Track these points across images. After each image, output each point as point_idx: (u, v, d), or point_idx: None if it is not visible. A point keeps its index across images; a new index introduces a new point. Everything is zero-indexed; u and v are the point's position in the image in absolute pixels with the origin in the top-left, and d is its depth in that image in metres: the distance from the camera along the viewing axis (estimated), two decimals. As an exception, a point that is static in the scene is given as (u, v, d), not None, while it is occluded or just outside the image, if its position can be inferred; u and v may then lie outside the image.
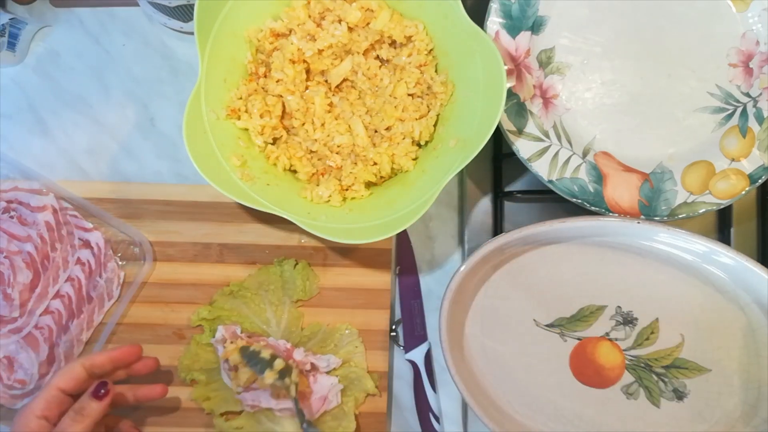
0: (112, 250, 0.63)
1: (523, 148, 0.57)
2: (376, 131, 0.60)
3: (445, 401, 0.65)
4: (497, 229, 0.66)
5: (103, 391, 0.51)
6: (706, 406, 0.59)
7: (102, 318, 0.62)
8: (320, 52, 0.58)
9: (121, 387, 0.56)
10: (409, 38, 0.58)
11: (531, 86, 0.59)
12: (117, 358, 0.54)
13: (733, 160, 0.58)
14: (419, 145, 0.59)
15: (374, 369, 0.62)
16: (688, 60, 0.59)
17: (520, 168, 0.60)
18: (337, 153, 0.59)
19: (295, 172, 0.60)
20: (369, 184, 0.59)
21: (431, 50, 0.59)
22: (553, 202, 0.66)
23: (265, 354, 0.57)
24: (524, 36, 0.59)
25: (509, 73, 0.58)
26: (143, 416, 0.61)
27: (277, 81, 0.58)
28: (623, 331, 0.60)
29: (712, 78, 0.59)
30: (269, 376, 0.56)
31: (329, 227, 0.55)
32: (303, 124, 0.60)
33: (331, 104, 0.60)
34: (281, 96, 0.59)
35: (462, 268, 0.55)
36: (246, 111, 0.58)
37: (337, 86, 0.60)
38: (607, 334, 0.61)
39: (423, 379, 0.63)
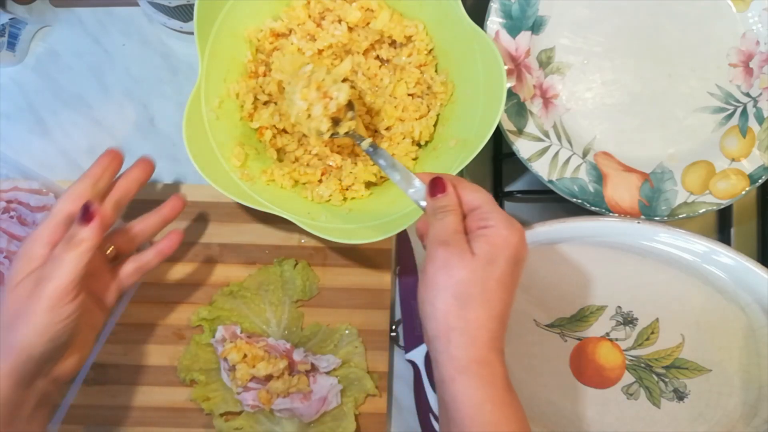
0: (112, 250, 0.63)
1: (523, 148, 0.57)
2: (376, 131, 0.60)
3: (445, 401, 0.65)
4: (497, 229, 0.65)
5: (88, 212, 0.45)
6: (706, 407, 0.59)
7: (102, 318, 0.62)
8: (320, 52, 0.58)
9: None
10: (409, 38, 0.59)
11: (531, 86, 0.59)
12: (111, 165, 0.50)
13: (733, 160, 0.58)
14: (419, 145, 0.60)
15: (374, 369, 0.62)
16: (689, 60, 0.59)
17: (520, 168, 0.60)
18: (337, 153, 0.59)
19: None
20: (369, 184, 0.59)
21: (431, 50, 0.59)
22: (553, 202, 0.66)
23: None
24: (524, 36, 0.59)
25: (509, 73, 0.58)
26: (142, 416, 0.61)
27: (278, 82, 0.58)
28: (623, 332, 0.60)
29: (713, 78, 0.59)
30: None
31: (329, 227, 0.55)
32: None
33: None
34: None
35: (462, 268, 0.55)
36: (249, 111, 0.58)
37: (337, 86, 0.60)
38: (608, 334, 0.61)
39: (423, 379, 0.63)
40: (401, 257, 0.66)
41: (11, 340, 0.43)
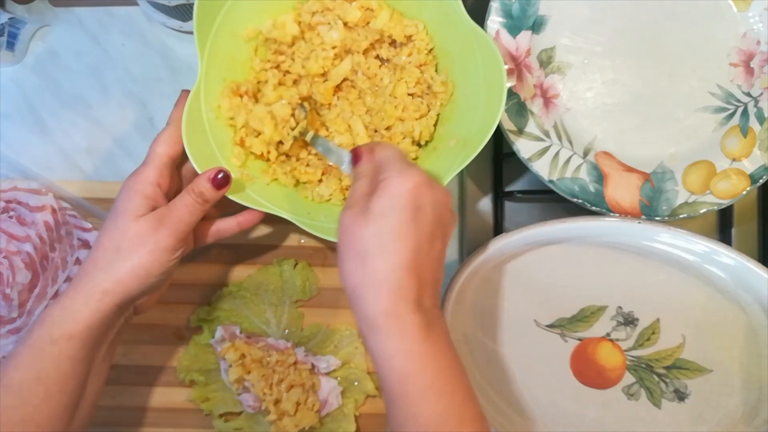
0: (111, 251, 0.63)
1: (524, 147, 0.57)
2: (376, 131, 0.59)
3: (445, 402, 0.65)
4: (498, 229, 0.65)
5: (225, 180, 0.50)
6: (707, 407, 0.59)
7: (101, 318, 0.62)
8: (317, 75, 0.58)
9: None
10: (409, 38, 0.58)
11: (531, 86, 0.59)
12: None
13: (734, 159, 0.58)
14: (419, 145, 0.59)
15: (374, 370, 0.62)
16: (689, 59, 0.59)
17: (521, 168, 0.60)
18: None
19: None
20: (369, 184, 0.59)
21: (431, 50, 0.59)
22: (554, 202, 0.65)
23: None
24: (525, 35, 0.58)
25: (510, 72, 0.58)
26: (141, 417, 0.61)
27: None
28: (624, 332, 0.60)
29: (713, 77, 0.59)
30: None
31: (329, 227, 0.55)
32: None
33: (330, 103, 0.60)
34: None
35: (462, 269, 0.55)
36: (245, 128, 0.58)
37: (337, 86, 0.60)
38: (608, 334, 0.61)
39: (423, 379, 0.63)
40: (401, 257, 0.66)
41: (125, 263, 0.46)
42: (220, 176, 0.49)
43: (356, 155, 0.48)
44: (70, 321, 0.45)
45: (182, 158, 0.53)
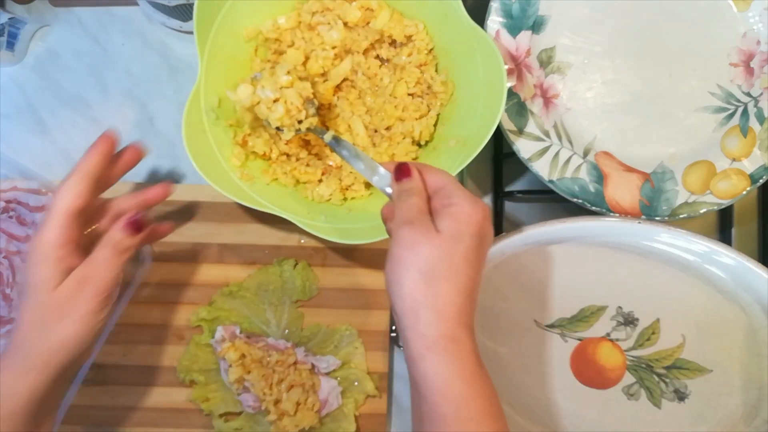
0: (111, 251, 0.62)
1: (524, 147, 0.57)
2: (376, 131, 0.59)
3: (445, 402, 0.65)
4: (497, 229, 0.65)
5: (140, 225, 0.47)
6: (707, 407, 0.59)
7: (101, 318, 0.62)
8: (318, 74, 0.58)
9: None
10: (409, 37, 0.58)
11: (531, 86, 0.59)
12: (106, 154, 0.50)
13: (734, 159, 0.58)
14: (419, 145, 0.59)
15: (374, 370, 0.62)
16: (689, 59, 0.59)
17: (521, 168, 0.60)
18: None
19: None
20: (369, 184, 0.59)
21: (431, 50, 0.59)
22: (554, 202, 0.65)
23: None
24: (525, 35, 0.58)
25: (510, 72, 0.58)
26: (141, 417, 0.61)
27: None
28: (624, 332, 0.60)
29: (713, 77, 0.59)
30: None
31: (329, 227, 0.55)
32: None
33: (330, 104, 0.59)
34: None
35: (462, 269, 0.55)
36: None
37: (337, 86, 0.60)
38: (608, 334, 0.60)
39: (423, 379, 0.63)
40: (401, 257, 0.66)
41: (54, 336, 0.45)
42: (133, 221, 0.48)
43: (404, 170, 0.45)
44: (10, 400, 0.44)
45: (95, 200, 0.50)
